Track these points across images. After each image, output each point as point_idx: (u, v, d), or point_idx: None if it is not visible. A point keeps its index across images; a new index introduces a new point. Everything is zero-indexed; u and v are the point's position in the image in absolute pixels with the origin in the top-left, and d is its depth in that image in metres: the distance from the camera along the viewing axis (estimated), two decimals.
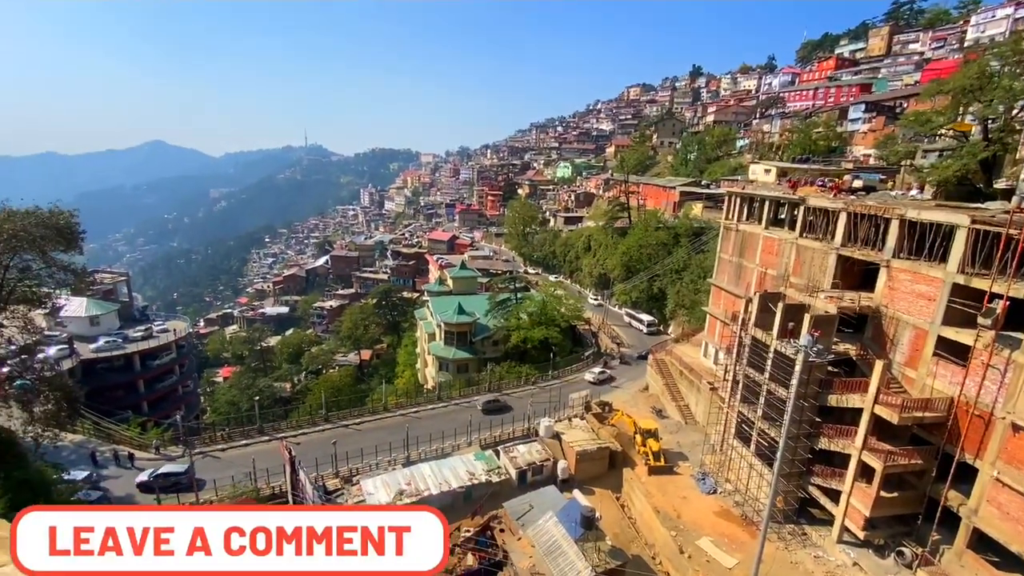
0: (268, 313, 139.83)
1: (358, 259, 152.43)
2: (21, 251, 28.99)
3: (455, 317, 55.62)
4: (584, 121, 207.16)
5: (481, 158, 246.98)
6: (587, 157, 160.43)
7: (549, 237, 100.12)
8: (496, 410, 44.53)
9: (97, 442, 38.20)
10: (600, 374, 51.75)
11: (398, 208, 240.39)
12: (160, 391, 58.50)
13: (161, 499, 30.31)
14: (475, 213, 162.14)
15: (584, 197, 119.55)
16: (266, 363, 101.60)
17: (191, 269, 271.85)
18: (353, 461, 35.00)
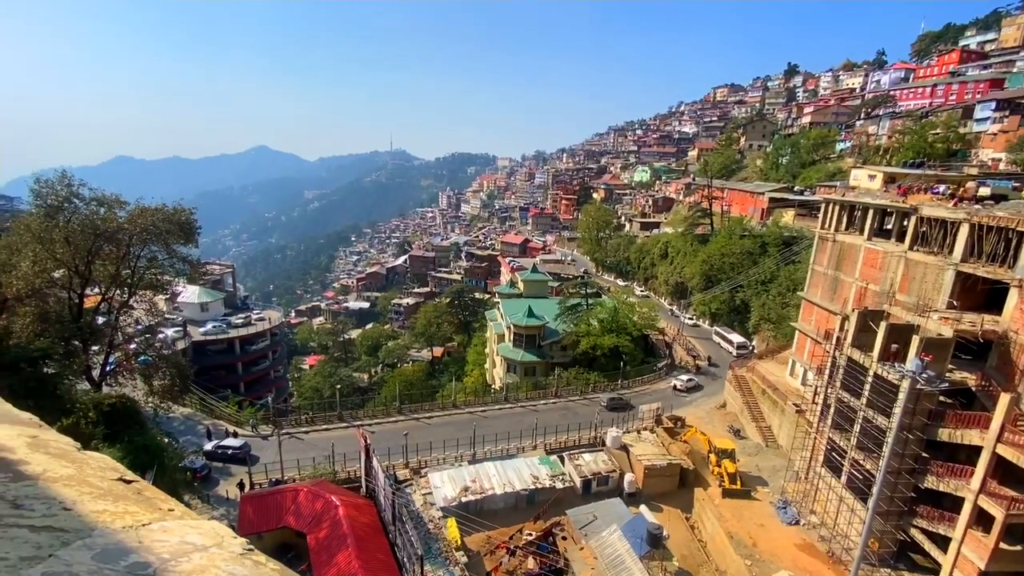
0: (351, 307, 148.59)
1: (434, 259, 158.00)
2: (150, 243, 32.97)
3: (525, 320, 55.89)
4: (665, 124, 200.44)
5: (556, 162, 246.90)
6: (667, 161, 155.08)
7: (624, 242, 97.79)
8: (620, 407, 45.52)
9: (202, 415, 42.58)
10: (688, 381, 50.46)
11: (474, 211, 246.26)
12: (255, 374, 64.05)
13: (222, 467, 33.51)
14: (548, 217, 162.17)
15: (663, 202, 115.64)
16: (347, 354, 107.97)
17: (286, 263, 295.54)
18: (422, 453, 36.22)
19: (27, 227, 29.06)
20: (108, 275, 32.83)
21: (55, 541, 1.06)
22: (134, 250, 33.00)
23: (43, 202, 29.94)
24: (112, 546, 1.11)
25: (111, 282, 33.20)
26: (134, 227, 31.51)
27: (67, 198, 30.27)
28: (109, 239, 31.27)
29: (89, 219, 30.61)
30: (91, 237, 30.45)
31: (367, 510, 28.44)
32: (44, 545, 1.05)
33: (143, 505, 1.40)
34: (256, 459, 35.96)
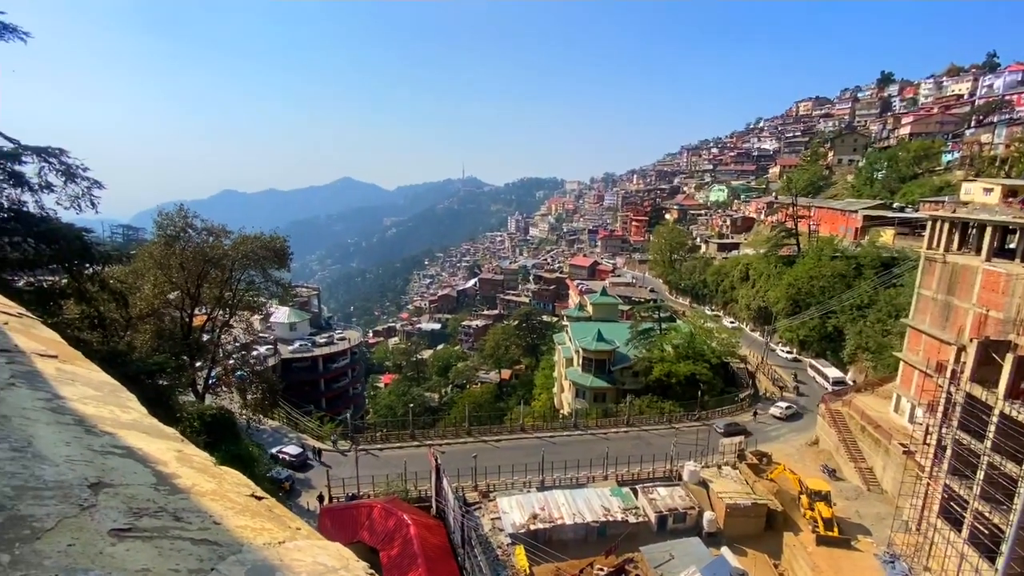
0: (423, 328, 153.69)
1: (503, 282, 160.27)
2: (249, 268, 36.24)
3: (594, 344, 54.84)
4: (743, 141, 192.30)
5: (626, 183, 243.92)
6: (746, 179, 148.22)
7: (699, 264, 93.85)
8: (736, 433, 43.63)
9: (288, 428, 45.41)
10: (787, 408, 47.40)
11: (542, 234, 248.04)
12: (336, 390, 67.61)
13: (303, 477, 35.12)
14: (618, 239, 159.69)
15: (741, 222, 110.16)
16: (419, 374, 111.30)
17: (365, 286, 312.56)
18: (491, 477, 36.14)
19: (150, 254, 33.01)
20: (214, 297, 36.42)
21: (212, 555, 1.15)
22: (236, 274, 36.45)
23: (164, 232, 33.92)
24: (260, 563, 1.18)
25: (216, 303, 36.78)
26: (237, 254, 34.85)
27: (183, 228, 34.11)
28: (215, 264, 34.80)
29: (200, 247, 34.27)
30: (201, 263, 34.04)
31: (437, 531, 28.70)
32: (205, 558, 1.14)
33: (275, 523, 1.49)
34: (311, 467, 38.13)
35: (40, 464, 1.31)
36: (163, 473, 1.54)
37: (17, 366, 2.18)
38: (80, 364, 2.70)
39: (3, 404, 1.65)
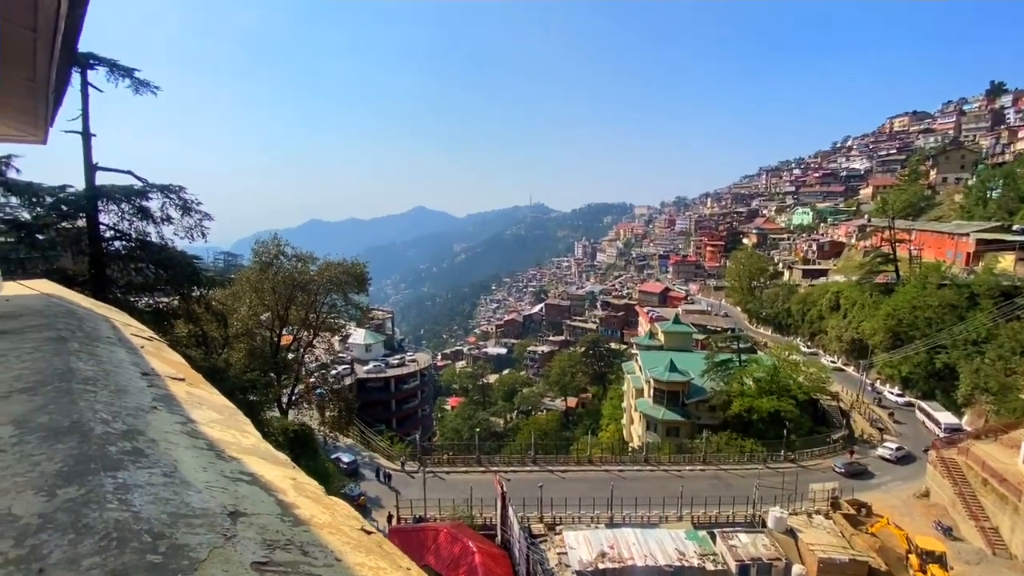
0: (490, 352, 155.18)
1: (569, 308, 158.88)
2: (332, 292, 38.68)
3: (666, 375, 52.51)
4: (829, 160, 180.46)
5: (700, 207, 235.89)
6: (833, 201, 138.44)
7: (782, 292, 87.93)
8: (858, 474, 41.06)
9: (361, 447, 47.10)
10: (897, 451, 43.14)
11: (609, 260, 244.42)
12: (406, 411, 69.51)
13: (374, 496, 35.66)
14: (691, 265, 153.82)
15: (829, 247, 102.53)
16: (485, 398, 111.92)
17: (435, 310, 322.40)
18: (556, 509, 35.16)
19: (246, 279, 36.16)
20: (300, 318, 39.12)
21: None
22: (320, 298, 39.03)
23: (259, 259, 37.13)
24: None
25: (301, 324, 39.46)
26: (322, 279, 37.39)
27: (275, 255, 37.17)
28: (302, 288, 37.48)
29: (290, 272, 37.12)
30: (290, 287, 36.80)
31: (502, 561, 28.19)
32: None
33: (387, 561, 1.51)
34: (363, 476, 39.38)
35: (187, 490, 1.42)
36: (285, 503, 1.61)
37: (156, 389, 2.42)
38: (203, 387, 2.96)
39: (150, 428, 1.83)
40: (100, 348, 2.85)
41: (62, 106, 4.78)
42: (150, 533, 1.13)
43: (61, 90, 3.60)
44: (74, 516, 1.14)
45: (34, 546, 1.05)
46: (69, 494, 1.24)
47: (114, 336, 3.31)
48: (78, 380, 2.09)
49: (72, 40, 2.60)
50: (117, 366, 2.58)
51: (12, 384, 2.00)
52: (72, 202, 20.85)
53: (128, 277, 22.21)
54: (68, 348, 2.57)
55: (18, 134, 5.86)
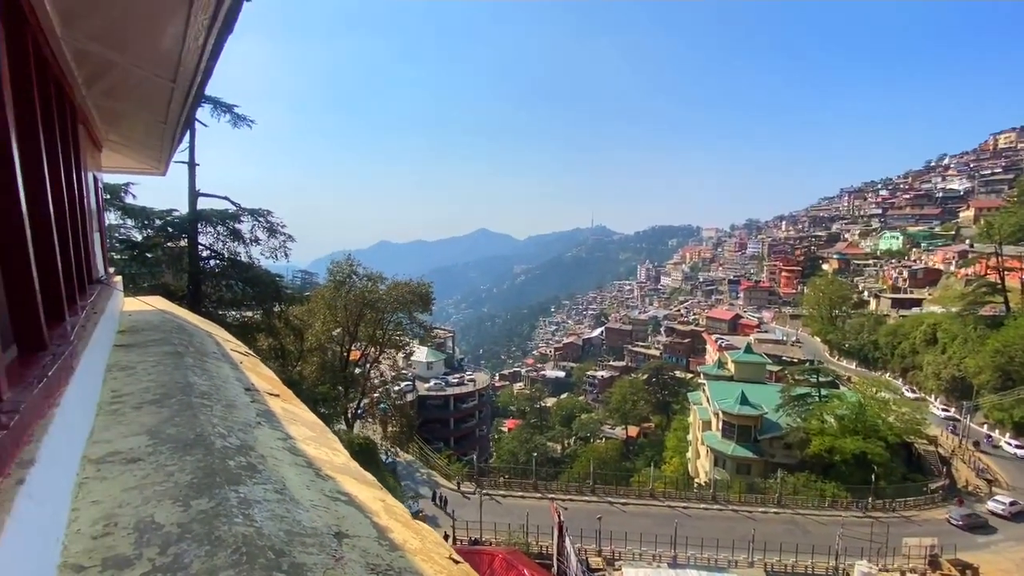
0: (548, 375, 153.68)
1: (631, 332, 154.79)
2: (399, 310, 40.20)
3: (736, 407, 49.50)
4: (922, 180, 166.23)
5: (773, 230, 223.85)
6: (927, 224, 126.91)
7: (868, 322, 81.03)
8: (977, 527, 36.56)
9: (420, 464, 47.85)
10: (1012, 505, 37.95)
11: (674, 284, 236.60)
12: (463, 430, 70.08)
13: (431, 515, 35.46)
14: (764, 291, 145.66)
15: (923, 274, 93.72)
16: (542, 421, 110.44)
17: (494, 330, 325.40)
18: (616, 543, 33.77)
19: (321, 296, 38.40)
20: (368, 335, 40.87)
21: None
22: (387, 316, 40.66)
23: (333, 278, 39.38)
24: None
25: (369, 340, 41.19)
26: (389, 298, 39.01)
27: (348, 275, 39.28)
28: (371, 307, 39.23)
29: (360, 291, 39.04)
30: (360, 305, 38.65)
31: None
32: None
33: None
34: (420, 494, 39.24)
35: (297, 509, 1.51)
36: (380, 525, 1.67)
37: (258, 404, 2.62)
38: (295, 403, 3.16)
39: (258, 443, 1.98)
40: (209, 363, 3.12)
41: (181, 143, 5.38)
42: (273, 550, 1.20)
43: (185, 130, 4.09)
44: (207, 528, 1.24)
45: (176, 555, 1.15)
46: (201, 506, 1.35)
47: (218, 351, 3.61)
48: (196, 394, 2.30)
49: (202, 88, 2.96)
50: (224, 381, 2.81)
51: (142, 396, 2.23)
52: (177, 224, 23.24)
53: (220, 293, 24.29)
54: (184, 363, 2.83)
55: (144, 167, 6.66)
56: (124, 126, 4.66)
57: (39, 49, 2.37)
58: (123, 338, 3.50)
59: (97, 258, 4.32)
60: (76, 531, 1.24)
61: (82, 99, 3.61)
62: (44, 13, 2.19)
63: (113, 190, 21.47)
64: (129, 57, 2.80)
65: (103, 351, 2.82)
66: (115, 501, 1.37)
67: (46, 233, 2.21)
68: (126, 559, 1.13)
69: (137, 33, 2.40)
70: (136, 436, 1.80)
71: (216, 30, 1.97)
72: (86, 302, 2.82)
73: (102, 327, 2.93)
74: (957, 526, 36.32)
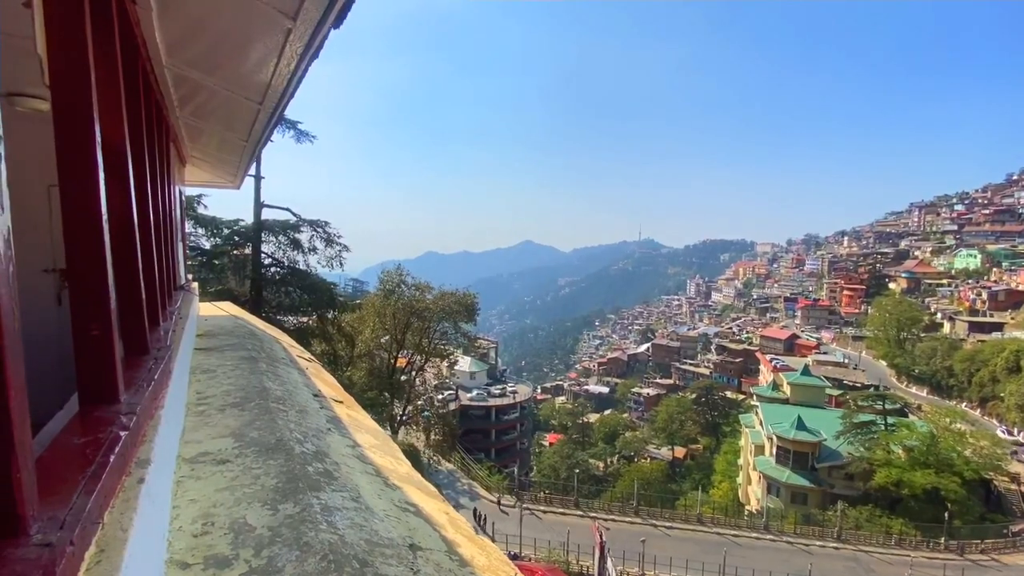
0: (591, 390, 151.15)
1: (679, 349, 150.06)
2: (444, 320, 40.85)
3: (792, 432, 46.87)
4: (1002, 195, 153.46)
5: (835, 246, 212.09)
6: (1009, 242, 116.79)
7: (941, 347, 75.07)
8: None
9: (461, 474, 48.04)
10: None
11: (726, 300, 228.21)
12: (505, 442, 69.90)
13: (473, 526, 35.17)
14: (824, 310, 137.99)
15: (1005, 296, 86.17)
16: (585, 438, 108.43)
17: (537, 342, 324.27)
18: (660, 568, 32.58)
19: (371, 304, 39.58)
20: (414, 343, 41.72)
21: None
22: (433, 325, 41.40)
23: (383, 287, 40.55)
24: None
25: (415, 349, 42.02)
26: (436, 307, 39.74)
27: (398, 284, 40.35)
28: (418, 315, 40.09)
29: (409, 300, 40.00)
30: (408, 313, 39.57)
31: None
32: None
33: None
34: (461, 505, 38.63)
35: (372, 518, 1.55)
36: (448, 539, 1.69)
37: (326, 411, 2.73)
38: (358, 410, 3.27)
39: (331, 450, 2.05)
40: (280, 368, 3.27)
41: (256, 159, 5.73)
42: (357, 559, 1.23)
43: (262, 147, 4.40)
44: (296, 532, 1.29)
45: (270, 558, 1.20)
46: (288, 510, 1.41)
47: (287, 357, 3.79)
48: (272, 399, 2.41)
49: (284, 110, 3.17)
50: (295, 386, 2.94)
51: (224, 399, 2.37)
52: (243, 234, 24.71)
53: (279, 299, 25.55)
54: (259, 368, 2.99)
55: (221, 181, 7.14)
56: (207, 143, 5.02)
57: (147, 76, 2.59)
58: (202, 342, 3.74)
59: (180, 266, 4.64)
60: (178, 528, 1.33)
61: (175, 119, 3.91)
62: (154, 44, 2.40)
63: (188, 201, 23.13)
64: (220, 80, 3.02)
65: (188, 354, 3.02)
66: (210, 501, 1.45)
67: (147, 242, 2.39)
68: (225, 559, 1.19)
69: (232, 59, 2.60)
70: (223, 438, 1.91)
71: (308, 57, 2.11)
72: (174, 308, 3.03)
73: (187, 331, 3.15)
74: None
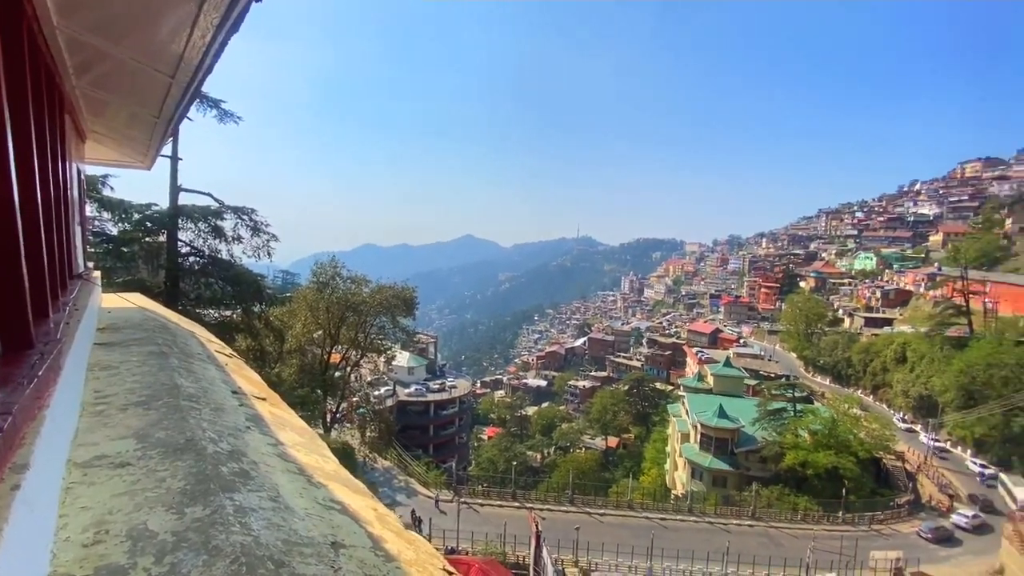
0: (529, 384, 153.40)
1: (613, 343, 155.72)
2: (382, 314, 39.79)
3: (714, 420, 50.07)
4: (895, 204, 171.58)
5: (754, 247, 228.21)
6: (899, 247, 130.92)
7: (842, 340, 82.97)
8: (944, 539, 38.04)
9: (398, 471, 47.19)
10: (974, 518, 39.54)
11: (657, 296, 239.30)
12: (443, 438, 69.39)
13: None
14: (744, 306, 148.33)
15: (895, 295, 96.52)
16: (523, 430, 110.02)
17: (476, 337, 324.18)
18: (593, 553, 33.76)
19: (303, 297, 37.80)
20: (349, 338, 40.35)
21: None
22: (370, 319, 40.23)
23: (316, 279, 38.85)
24: None
25: (351, 344, 40.65)
26: (373, 301, 38.61)
27: (332, 276, 38.79)
28: (354, 310, 38.78)
29: (344, 294, 38.58)
30: (343, 307, 38.17)
31: None
32: None
33: None
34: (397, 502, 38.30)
35: (292, 517, 1.48)
36: (374, 536, 1.65)
37: (246, 408, 2.56)
38: (282, 408, 3.10)
39: (250, 449, 1.93)
40: (195, 364, 3.04)
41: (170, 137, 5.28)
42: (272, 560, 1.17)
43: (177, 125, 4.02)
44: (204, 536, 1.21)
45: (173, 564, 1.11)
46: (196, 513, 1.31)
47: (203, 352, 3.53)
48: (184, 397, 2.24)
49: (201, 85, 2.92)
50: (211, 383, 2.75)
51: (128, 397, 2.17)
52: (156, 219, 22.72)
53: (198, 291, 23.77)
54: (169, 364, 2.76)
55: (129, 160, 6.52)
56: (112, 117, 4.56)
57: (33, 37, 2.31)
58: (104, 336, 3.40)
59: (78, 252, 4.19)
60: (65, 539, 1.20)
61: (71, 88, 3.53)
62: (41, 2, 2.14)
63: (91, 182, 20.92)
64: (126, 50, 2.74)
65: (85, 349, 2.73)
66: (105, 507, 1.32)
67: (34, 225, 2.14)
68: (120, 568, 1.09)
69: (139, 27, 2.36)
70: (124, 439, 1.75)
71: (225, 29, 1.95)
72: (68, 298, 2.73)
73: (84, 324, 2.84)
74: (926, 539, 37.33)
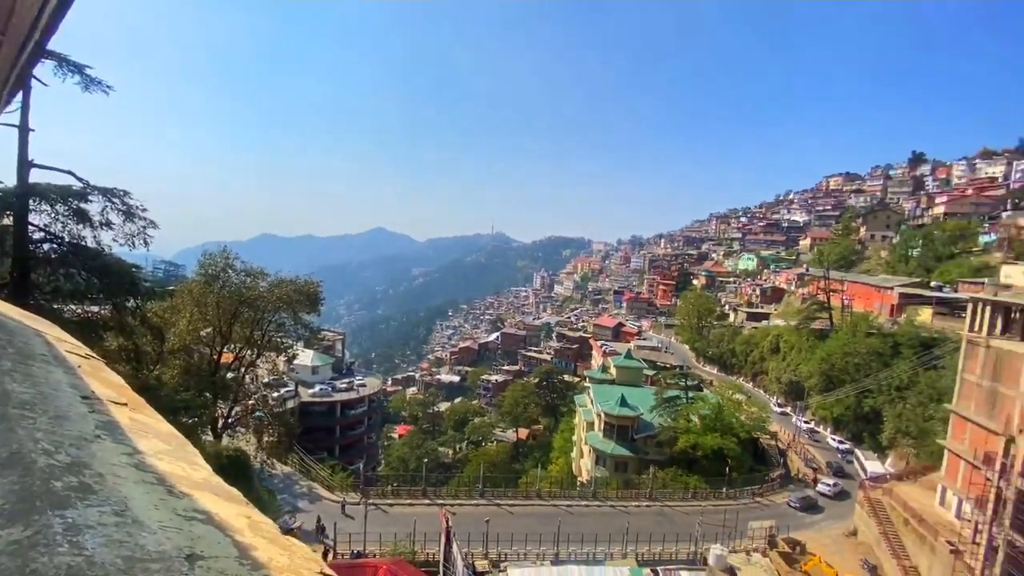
0: (443, 380, 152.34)
1: (525, 338, 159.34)
2: (281, 310, 37.13)
3: (616, 409, 53.17)
4: (772, 212, 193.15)
5: (654, 247, 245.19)
6: (775, 249, 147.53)
7: (728, 333, 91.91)
8: (810, 507, 43.39)
9: (300, 476, 44.60)
10: (835, 486, 45.93)
11: (567, 292, 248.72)
12: (351, 438, 66.66)
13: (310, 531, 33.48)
14: (644, 302, 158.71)
15: (771, 292, 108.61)
16: (435, 427, 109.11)
17: (388, 333, 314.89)
18: (503, 544, 34.38)
19: (189, 291, 34.18)
20: (243, 336, 37.19)
21: None
22: (267, 316, 37.36)
23: (205, 271, 35.29)
24: None
25: (245, 342, 37.51)
26: (271, 296, 35.89)
27: (223, 269, 35.44)
28: (249, 305, 35.78)
29: (237, 287, 35.42)
30: (236, 303, 35.07)
31: None
32: None
33: None
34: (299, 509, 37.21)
35: (140, 531, 1.35)
36: (242, 544, 1.55)
37: (98, 415, 2.27)
38: (147, 413, 2.79)
39: (96, 460, 1.72)
40: (35, 367, 2.65)
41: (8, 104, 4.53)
42: None
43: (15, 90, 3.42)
44: (21, 560, 1.07)
45: None
46: (14, 535, 1.15)
47: (49, 354, 3.08)
48: (14, 404, 1.95)
49: (42, 46, 2.51)
50: (55, 388, 2.41)
51: None
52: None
53: (55, 283, 20.59)
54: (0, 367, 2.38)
55: None
56: None
57: None
58: None
59: None
60: None
61: None
62: None
63: None
64: None
65: None
66: None
67: None
68: None
69: None
70: None
71: None
72: None
73: None
74: (795, 508, 42.70)
